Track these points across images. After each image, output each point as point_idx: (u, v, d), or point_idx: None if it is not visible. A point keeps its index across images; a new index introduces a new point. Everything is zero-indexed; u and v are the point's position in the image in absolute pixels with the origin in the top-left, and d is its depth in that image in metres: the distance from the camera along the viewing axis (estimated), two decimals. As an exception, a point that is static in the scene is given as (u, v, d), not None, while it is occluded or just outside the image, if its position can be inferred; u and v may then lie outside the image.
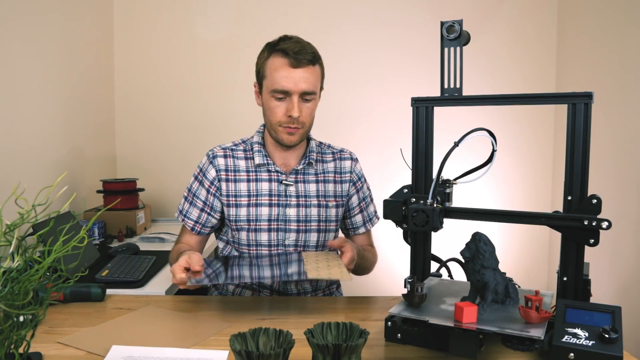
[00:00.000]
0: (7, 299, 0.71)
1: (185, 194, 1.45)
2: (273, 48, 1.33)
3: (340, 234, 1.55)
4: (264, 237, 1.39)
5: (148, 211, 2.41)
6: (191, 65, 2.70)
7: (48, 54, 2.02)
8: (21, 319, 0.76)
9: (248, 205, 1.39)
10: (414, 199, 1.03)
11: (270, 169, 1.41)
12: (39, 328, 0.98)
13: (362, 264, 1.42)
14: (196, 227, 1.43)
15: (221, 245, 1.51)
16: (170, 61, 2.70)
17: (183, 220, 1.44)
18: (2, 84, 1.71)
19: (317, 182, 1.45)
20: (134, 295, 1.34)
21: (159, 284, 1.48)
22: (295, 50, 1.29)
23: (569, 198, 0.94)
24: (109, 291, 1.30)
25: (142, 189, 2.38)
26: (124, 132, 2.74)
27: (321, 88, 1.40)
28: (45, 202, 0.75)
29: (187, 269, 1.15)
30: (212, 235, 1.55)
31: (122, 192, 2.26)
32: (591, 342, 0.83)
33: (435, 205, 0.98)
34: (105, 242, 2.04)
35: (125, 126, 2.74)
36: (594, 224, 0.90)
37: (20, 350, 0.78)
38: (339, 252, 1.28)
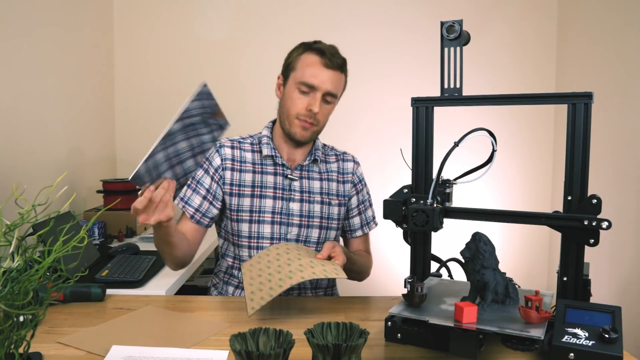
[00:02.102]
0: (7, 299, 0.71)
1: (189, 182, 1.43)
2: (309, 47, 1.39)
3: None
4: (266, 229, 1.40)
5: (148, 211, 2.40)
6: (191, 65, 2.70)
7: (48, 54, 2.02)
8: (21, 319, 0.76)
9: (252, 196, 1.40)
10: (414, 199, 1.03)
11: (277, 161, 1.43)
12: (39, 328, 0.98)
13: (352, 269, 1.42)
14: (196, 216, 1.40)
15: (221, 242, 1.51)
16: (170, 61, 2.70)
17: (183, 207, 1.41)
18: (2, 85, 1.71)
19: (320, 179, 1.47)
20: (134, 295, 1.34)
21: (159, 284, 1.48)
22: (331, 52, 1.36)
23: (569, 198, 0.94)
24: (109, 291, 1.30)
25: (142, 189, 2.37)
26: (124, 132, 2.74)
27: (341, 95, 1.45)
28: (45, 202, 0.75)
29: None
30: (213, 234, 1.54)
31: (122, 192, 2.26)
32: (591, 342, 0.83)
33: (435, 205, 0.98)
34: (105, 242, 2.04)
35: (125, 126, 2.74)
36: (594, 224, 0.90)
37: (20, 350, 0.78)
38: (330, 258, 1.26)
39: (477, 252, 0.95)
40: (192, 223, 1.41)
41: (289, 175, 1.43)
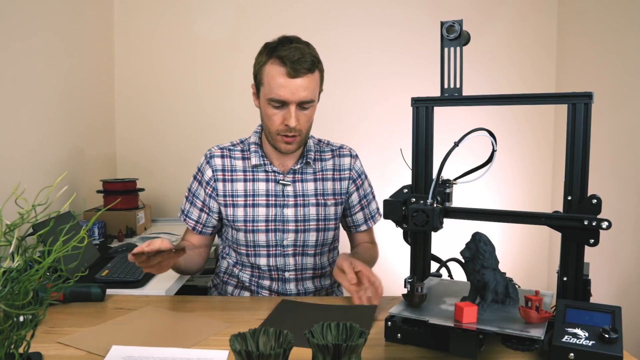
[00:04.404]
0: (7, 299, 0.71)
1: (187, 194, 1.46)
2: (271, 53, 1.29)
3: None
4: (261, 237, 1.39)
5: (148, 211, 2.41)
6: (191, 65, 2.70)
7: (48, 53, 2.01)
8: (21, 319, 0.75)
9: (245, 206, 1.39)
10: (414, 199, 1.03)
11: (267, 169, 1.41)
12: (39, 328, 0.98)
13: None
14: (197, 227, 1.44)
15: (222, 245, 1.51)
16: (170, 61, 2.70)
17: (185, 220, 1.45)
18: (2, 84, 1.71)
19: (315, 180, 1.44)
20: (134, 295, 1.34)
21: (159, 284, 1.48)
22: (294, 60, 1.25)
23: (569, 198, 0.94)
24: (109, 291, 1.30)
25: (142, 189, 2.37)
26: (124, 132, 2.74)
27: (320, 91, 1.38)
28: (45, 202, 0.75)
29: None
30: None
31: (122, 192, 2.26)
32: (591, 342, 0.83)
33: (435, 205, 0.98)
34: (105, 242, 2.04)
35: (125, 126, 2.74)
36: (594, 224, 0.90)
37: (20, 350, 0.78)
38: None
39: (477, 252, 0.95)
40: (196, 234, 1.45)
41: (281, 181, 1.40)
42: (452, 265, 1.15)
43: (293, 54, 1.25)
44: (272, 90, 1.28)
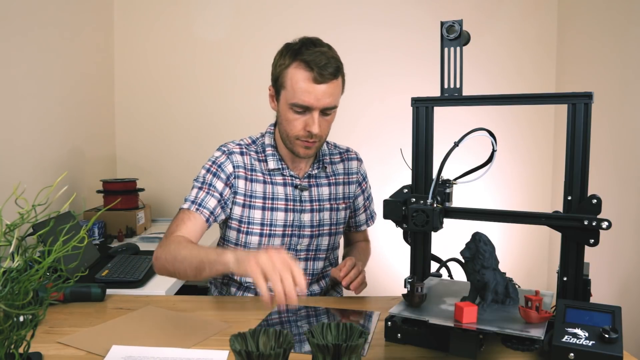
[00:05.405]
0: (7, 299, 0.71)
1: (199, 185, 1.32)
2: (295, 56, 1.23)
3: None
4: (277, 242, 1.37)
5: (148, 211, 2.41)
6: (191, 65, 2.70)
7: (48, 54, 2.01)
8: (21, 319, 0.75)
9: (263, 209, 1.35)
10: (414, 199, 1.03)
11: (284, 173, 1.37)
12: (39, 328, 0.98)
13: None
14: (210, 219, 1.30)
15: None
16: (170, 61, 2.70)
17: (197, 209, 1.28)
18: (2, 84, 1.71)
19: (329, 185, 1.43)
20: (134, 295, 1.34)
21: (159, 284, 1.48)
22: (321, 65, 1.20)
23: (569, 198, 0.94)
24: (109, 291, 1.30)
25: (142, 189, 2.37)
26: (124, 132, 2.74)
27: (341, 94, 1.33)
28: (45, 202, 0.75)
29: None
30: (212, 235, 1.53)
31: (122, 192, 2.26)
32: (591, 342, 0.83)
33: (435, 205, 0.98)
34: (105, 242, 2.04)
35: (125, 126, 2.74)
36: (594, 224, 0.90)
37: (20, 350, 0.78)
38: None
39: (477, 252, 0.95)
40: (204, 226, 1.31)
41: (299, 186, 1.37)
42: (452, 265, 1.15)
43: (319, 59, 1.21)
44: (296, 95, 1.23)
